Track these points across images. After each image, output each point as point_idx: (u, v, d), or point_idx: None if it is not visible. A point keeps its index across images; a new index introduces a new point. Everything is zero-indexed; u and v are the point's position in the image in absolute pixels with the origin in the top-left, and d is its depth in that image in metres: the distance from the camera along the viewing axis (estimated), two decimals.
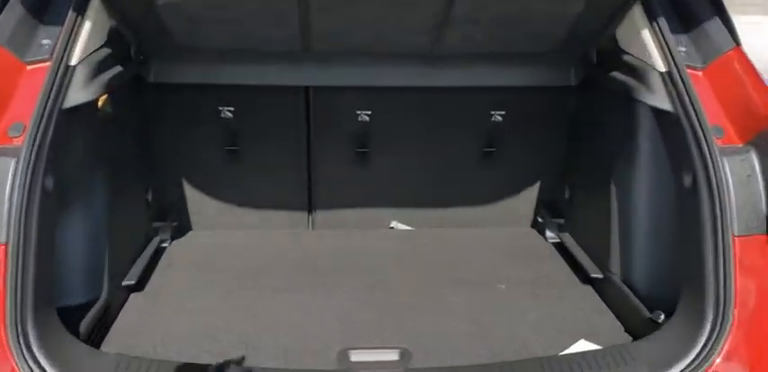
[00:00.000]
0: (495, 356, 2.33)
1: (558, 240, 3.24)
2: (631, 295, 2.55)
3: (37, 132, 1.98)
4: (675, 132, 2.21)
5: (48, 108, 2.03)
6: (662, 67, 2.29)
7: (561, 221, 3.22)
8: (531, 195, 3.38)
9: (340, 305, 2.65)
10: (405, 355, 2.27)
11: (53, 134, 2.03)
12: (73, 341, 2.02)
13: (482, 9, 2.42)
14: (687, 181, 2.16)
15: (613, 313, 2.63)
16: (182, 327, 2.48)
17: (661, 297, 2.42)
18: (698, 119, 2.12)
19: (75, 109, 2.15)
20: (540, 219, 3.35)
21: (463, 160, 3.23)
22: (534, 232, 3.39)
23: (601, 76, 2.74)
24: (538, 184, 3.35)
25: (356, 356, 2.27)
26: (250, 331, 2.46)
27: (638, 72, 2.41)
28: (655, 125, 2.42)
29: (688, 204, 2.16)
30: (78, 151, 2.29)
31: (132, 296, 2.69)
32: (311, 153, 3.16)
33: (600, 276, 2.77)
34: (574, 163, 3.15)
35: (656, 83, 2.29)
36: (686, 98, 2.17)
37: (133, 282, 2.66)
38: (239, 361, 2.24)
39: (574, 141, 3.14)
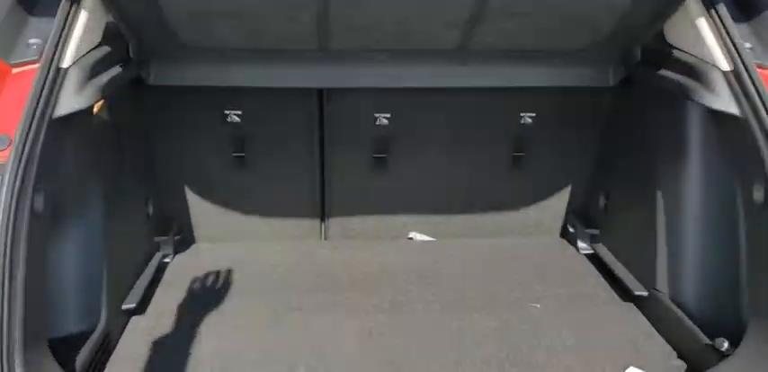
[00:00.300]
0: None
1: (592, 251, 3.01)
2: (683, 316, 2.32)
3: (24, 145, 1.73)
4: (744, 139, 1.96)
5: (36, 117, 1.78)
6: (725, 66, 2.04)
7: (595, 231, 2.99)
8: (560, 203, 3.14)
9: (361, 328, 2.42)
10: None
11: (43, 146, 1.78)
12: None
13: (522, 0, 2.17)
14: (759, 195, 1.92)
15: (662, 335, 2.40)
16: (189, 353, 2.25)
17: (718, 320, 2.20)
18: None
19: (68, 117, 1.89)
20: (571, 229, 3.11)
21: (489, 165, 2.99)
22: (564, 242, 3.16)
23: (646, 75, 2.49)
24: (569, 191, 3.12)
25: None
26: (263, 356, 2.24)
27: (693, 70, 2.17)
28: (713, 129, 2.18)
29: (760, 221, 1.93)
30: (71, 164, 2.04)
31: (133, 319, 2.45)
32: (325, 158, 2.91)
33: (644, 293, 2.54)
34: (609, 169, 2.91)
35: (719, 83, 2.04)
36: (757, 100, 1.92)
37: (134, 305, 2.42)
38: None
39: (609, 145, 2.90)
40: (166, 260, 2.89)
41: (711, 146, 2.25)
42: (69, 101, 1.88)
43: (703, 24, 2.13)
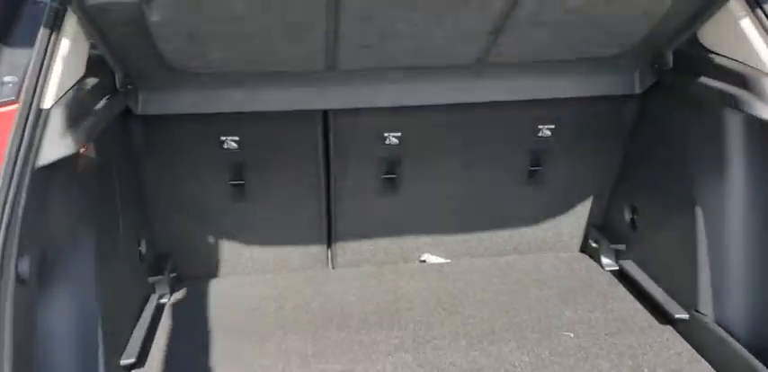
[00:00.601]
0: None
1: (617, 268, 2.84)
2: (732, 341, 2.15)
3: (5, 202, 1.50)
4: None
5: (18, 168, 1.55)
6: None
7: (621, 247, 2.81)
8: (581, 218, 2.97)
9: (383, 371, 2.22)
10: None
11: (26, 201, 1.55)
12: None
13: (552, 8, 1.96)
14: None
15: (708, 361, 2.23)
16: None
17: None
18: None
19: (53, 165, 1.66)
20: (593, 244, 2.94)
21: (505, 181, 2.81)
22: (586, 258, 2.98)
23: (679, 82, 2.32)
24: (589, 205, 2.94)
25: None
26: None
27: (736, 76, 1.99)
28: (760, 141, 2.01)
29: None
30: (58, 216, 1.81)
31: None
32: (330, 181, 2.70)
33: (685, 316, 2.37)
34: (636, 182, 2.74)
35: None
36: None
37: (133, 360, 2.20)
38: None
39: (635, 156, 2.72)
40: (163, 300, 2.65)
41: (757, 158, 2.08)
42: (54, 146, 1.64)
43: (748, 25, 1.96)
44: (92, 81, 1.92)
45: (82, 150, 1.95)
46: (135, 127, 2.44)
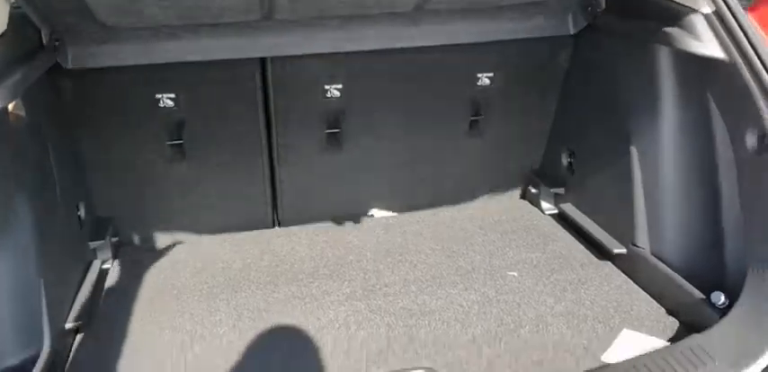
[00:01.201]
0: (537, 364, 1.99)
1: (557, 211, 2.91)
2: (669, 271, 2.25)
3: None
4: (731, 84, 1.85)
5: None
6: (706, 8, 1.92)
7: (560, 190, 2.88)
8: (521, 165, 3.02)
9: (336, 320, 2.24)
10: None
11: None
12: None
13: None
14: (751, 141, 1.82)
15: (648, 293, 2.33)
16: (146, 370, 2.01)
17: (705, 274, 2.13)
18: (764, 68, 1.77)
19: None
20: (533, 190, 3.00)
21: (448, 132, 2.82)
22: (527, 204, 3.05)
23: (611, 22, 2.36)
24: (530, 152, 2.99)
25: None
26: (233, 366, 2.03)
27: (668, 14, 2.03)
28: (692, 76, 2.07)
29: (754, 168, 1.83)
30: None
31: (79, 338, 2.18)
32: (272, 138, 2.66)
33: (623, 250, 2.46)
34: (572, 126, 2.79)
35: (699, 26, 1.91)
36: (745, 42, 1.81)
37: (78, 323, 2.15)
38: None
39: (570, 100, 2.77)
40: (106, 265, 2.60)
41: (689, 93, 2.14)
42: None
43: None
44: (15, 38, 1.83)
45: (10, 107, 1.88)
46: (65, 86, 2.34)
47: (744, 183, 1.92)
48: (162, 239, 2.79)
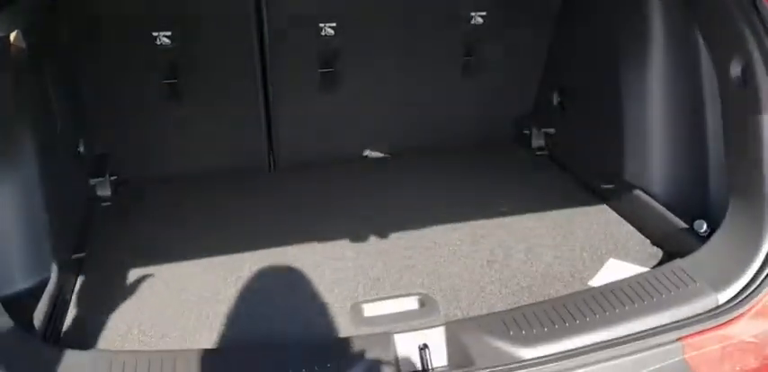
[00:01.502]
0: (527, 289, 2.08)
1: (548, 151, 2.97)
2: (654, 203, 2.32)
3: None
4: (717, 14, 1.88)
5: None
6: None
7: (550, 130, 2.94)
8: (514, 106, 3.06)
9: (331, 254, 2.30)
10: (430, 302, 1.99)
11: None
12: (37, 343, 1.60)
13: None
14: (736, 71, 1.87)
15: (634, 225, 2.41)
16: (154, 303, 2.07)
17: (690, 205, 2.21)
18: None
19: None
20: (525, 131, 3.05)
21: (441, 72, 2.85)
22: (519, 144, 3.10)
23: None
24: (521, 93, 3.03)
25: (371, 310, 1.98)
26: (237, 300, 2.08)
27: None
28: (678, 9, 2.10)
29: (738, 98, 1.88)
30: None
31: (84, 270, 2.24)
32: (268, 78, 2.68)
33: (610, 186, 2.53)
34: (562, 65, 2.83)
35: None
36: None
37: (82, 255, 2.21)
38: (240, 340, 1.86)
39: (561, 39, 2.80)
40: (105, 203, 2.65)
41: (675, 26, 2.17)
42: None
43: None
44: None
45: (12, 38, 1.89)
46: (64, 22, 2.35)
47: (727, 116, 1.97)
48: (160, 178, 2.83)
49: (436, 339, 1.70)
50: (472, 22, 2.69)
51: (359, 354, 1.64)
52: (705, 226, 2.07)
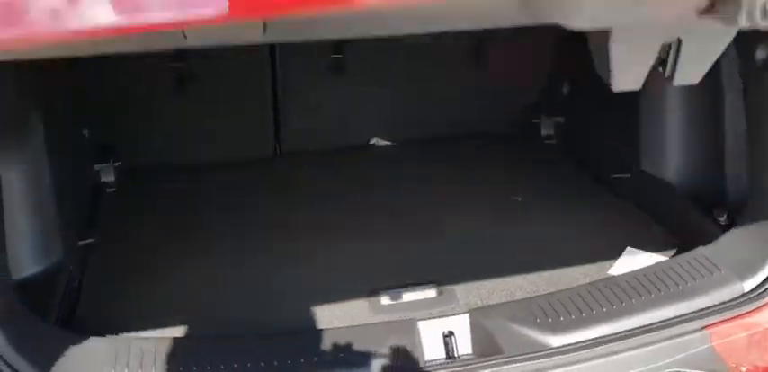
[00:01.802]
0: (545, 279, 2.04)
1: (558, 140, 2.94)
2: (672, 192, 2.30)
3: None
4: None
5: None
6: None
7: (560, 119, 2.91)
8: (524, 95, 3.03)
9: (341, 242, 2.25)
10: (447, 291, 1.96)
11: None
12: (52, 330, 1.56)
13: None
14: (761, 54, 1.84)
15: (650, 214, 2.38)
16: (163, 289, 2.02)
17: (708, 193, 2.18)
18: None
19: None
20: (535, 120, 3.02)
21: (450, 59, 2.81)
22: (532, 133, 3.06)
23: None
24: (531, 81, 3.00)
25: (388, 298, 1.93)
26: (250, 288, 2.03)
27: None
28: None
29: (760, 81, 1.85)
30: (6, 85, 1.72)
31: (92, 256, 2.19)
32: (275, 63, 2.63)
33: (626, 175, 2.50)
34: (573, 53, 2.79)
35: None
36: None
37: (90, 241, 2.16)
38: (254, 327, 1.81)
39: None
40: (111, 189, 2.60)
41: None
42: None
43: None
44: None
45: None
46: None
47: (750, 99, 1.94)
48: (165, 164, 2.77)
49: (461, 326, 1.67)
50: None
51: (383, 340, 1.61)
52: (725, 216, 2.05)
